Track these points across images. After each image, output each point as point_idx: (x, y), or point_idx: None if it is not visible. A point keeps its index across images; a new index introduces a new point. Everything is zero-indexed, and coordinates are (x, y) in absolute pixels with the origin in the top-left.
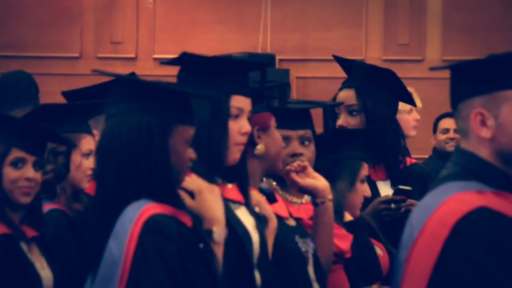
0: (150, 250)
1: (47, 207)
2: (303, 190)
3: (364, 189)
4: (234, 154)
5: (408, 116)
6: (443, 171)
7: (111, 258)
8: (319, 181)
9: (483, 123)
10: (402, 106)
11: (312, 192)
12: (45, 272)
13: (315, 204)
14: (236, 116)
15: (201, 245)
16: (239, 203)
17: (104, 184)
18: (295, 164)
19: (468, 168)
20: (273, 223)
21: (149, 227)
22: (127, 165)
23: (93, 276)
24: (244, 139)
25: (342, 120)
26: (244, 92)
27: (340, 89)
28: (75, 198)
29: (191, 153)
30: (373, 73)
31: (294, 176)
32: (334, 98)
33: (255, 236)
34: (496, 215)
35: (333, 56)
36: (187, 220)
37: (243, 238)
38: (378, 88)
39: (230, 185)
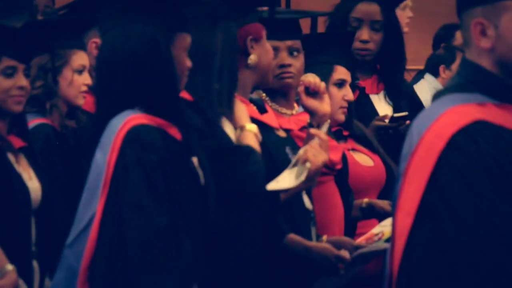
0: (130, 161)
1: (36, 121)
2: (305, 108)
3: (344, 93)
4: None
5: (402, 13)
6: (448, 82)
7: (96, 168)
8: (322, 105)
9: (483, 33)
10: None
11: (311, 113)
12: (32, 183)
13: (309, 125)
14: None
15: (194, 159)
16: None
17: (104, 97)
18: (311, 82)
19: (471, 79)
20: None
21: (130, 137)
22: (131, 76)
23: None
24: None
25: (366, 34)
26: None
27: (359, 1)
28: (71, 115)
29: (189, 62)
30: None
31: (301, 91)
32: (339, 8)
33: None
34: (495, 128)
35: None
36: (176, 133)
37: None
38: None
39: None
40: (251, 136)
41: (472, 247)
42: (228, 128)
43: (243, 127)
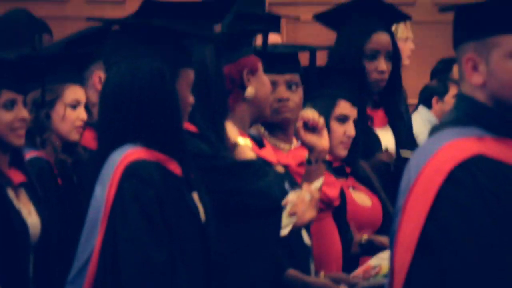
0: (127, 195)
1: (30, 154)
2: (303, 144)
3: (346, 129)
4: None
5: (404, 45)
6: (445, 116)
7: (96, 203)
8: (320, 141)
9: (475, 68)
10: (400, 33)
11: (310, 149)
12: (32, 218)
13: (308, 161)
14: None
15: (194, 194)
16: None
17: (106, 131)
18: (310, 117)
19: (468, 113)
20: None
21: (129, 172)
22: (136, 111)
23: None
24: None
25: (384, 65)
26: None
27: (373, 31)
28: (66, 150)
29: (191, 97)
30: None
31: (299, 127)
32: (350, 40)
33: None
34: (493, 163)
35: None
36: (176, 168)
37: None
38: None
39: None
40: (247, 149)
41: (472, 282)
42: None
43: (236, 143)
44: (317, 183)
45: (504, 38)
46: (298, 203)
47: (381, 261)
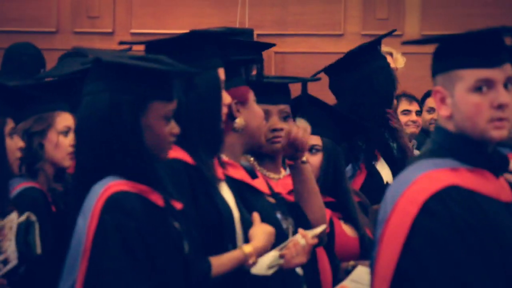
0: (109, 228)
1: (23, 185)
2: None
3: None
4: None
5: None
6: (423, 147)
7: (78, 235)
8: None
9: (443, 101)
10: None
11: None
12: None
13: (290, 166)
14: (221, 89)
15: (176, 225)
16: (220, 179)
17: (80, 162)
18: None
19: (443, 144)
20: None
21: (109, 204)
22: (100, 144)
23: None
24: (225, 110)
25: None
26: (222, 64)
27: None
28: (58, 178)
29: (173, 128)
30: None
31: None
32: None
33: (236, 213)
34: (467, 193)
35: None
36: (158, 199)
37: (224, 216)
38: None
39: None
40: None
41: None
42: (225, 192)
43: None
44: (317, 230)
45: (467, 72)
46: (291, 246)
47: (360, 286)
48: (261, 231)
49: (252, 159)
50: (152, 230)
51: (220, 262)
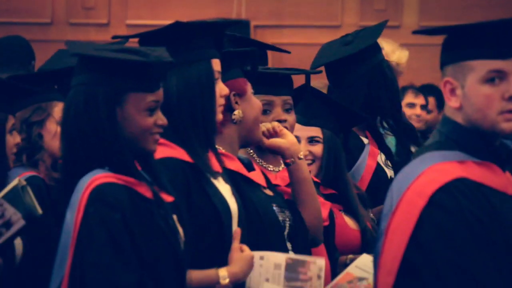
0: (93, 220)
1: (26, 174)
2: (270, 151)
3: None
4: (219, 114)
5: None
6: (428, 139)
7: (66, 228)
8: (284, 140)
9: (453, 92)
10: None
11: (279, 152)
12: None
13: (285, 164)
14: (216, 80)
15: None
16: (218, 172)
17: (65, 156)
18: (268, 127)
19: (450, 136)
20: None
21: (93, 196)
22: (79, 136)
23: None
24: (223, 101)
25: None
26: (219, 55)
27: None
28: (55, 168)
29: (159, 119)
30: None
31: (262, 137)
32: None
33: (233, 205)
34: (475, 186)
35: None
36: (146, 191)
37: (221, 210)
38: None
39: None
40: None
41: None
42: (222, 186)
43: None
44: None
45: (478, 63)
46: None
47: (365, 274)
48: (239, 257)
49: (251, 150)
50: (139, 222)
51: (196, 275)
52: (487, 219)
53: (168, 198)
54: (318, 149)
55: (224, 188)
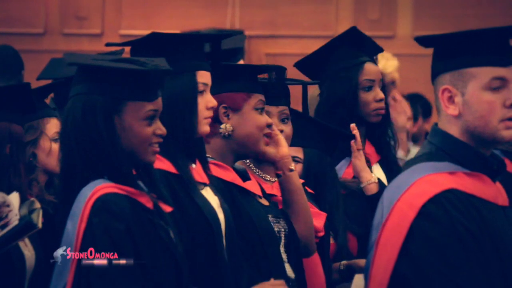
0: (97, 230)
1: None
2: (266, 160)
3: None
4: (204, 126)
5: (391, 87)
6: (419, 150)
7: (67, 238)
8: (276, 152)
9: (451, 100)
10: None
11: (272, 162)
12: (28, 250)
13: (277, 175)
14: (202, 92)
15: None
16: (204, 184)
17: (64, 166)
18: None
19: (442, 148)
20: None
21: (98, 207)
22: (78, 146)
23: None
24: (210, 113)
25: (381, 93)
26: (207, 67)
27: (363, 62)
28: (50, 185)
29: (158, 128)
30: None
31: (259, 151)
32: (342, 74)
33: (221, 215)
34: (465, 197)
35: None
36: (147, 201)
37: (211, 220)
38: None
39: (194, 165)
40: None
41: None
42: (210, 196)
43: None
44: None
45: (480, 70)
46: None
47: None
48: None
49: (248, 160)
50: (141, 232)
51: None
52: (478, 231)
53: (167, 209)
54: (297, 169)
55: (212, 199)
